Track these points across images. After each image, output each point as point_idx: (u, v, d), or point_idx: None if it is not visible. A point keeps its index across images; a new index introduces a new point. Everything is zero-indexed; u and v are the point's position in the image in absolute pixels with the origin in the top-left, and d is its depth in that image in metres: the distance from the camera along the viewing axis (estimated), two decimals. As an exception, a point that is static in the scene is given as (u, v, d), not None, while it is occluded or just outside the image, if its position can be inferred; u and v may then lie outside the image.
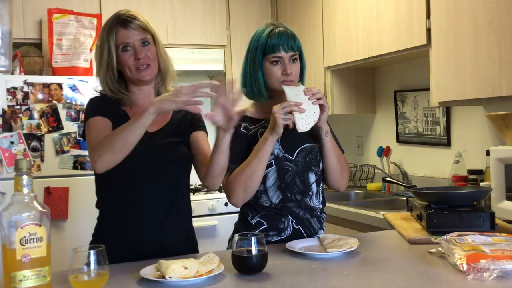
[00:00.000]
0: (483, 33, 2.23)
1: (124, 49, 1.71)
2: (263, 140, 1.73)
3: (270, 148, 1.73)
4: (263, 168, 1.74)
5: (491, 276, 1.29)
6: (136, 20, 1.74)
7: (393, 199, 3.20)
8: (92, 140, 1.66)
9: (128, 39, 1.71)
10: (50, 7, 3.31)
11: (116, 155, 1.56)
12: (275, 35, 1.78)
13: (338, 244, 1.62)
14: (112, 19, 1.75)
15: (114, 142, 1.56)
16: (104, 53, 1.73)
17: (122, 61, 1.72)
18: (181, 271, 1.35)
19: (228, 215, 3.42)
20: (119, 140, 1.55)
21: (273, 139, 1.71)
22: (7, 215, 1.21)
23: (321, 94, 1.74)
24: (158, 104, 1.52)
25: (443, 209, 1.85)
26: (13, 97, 3.00)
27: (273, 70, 1.79)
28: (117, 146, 1.55)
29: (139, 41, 1.72)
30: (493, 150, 2.20)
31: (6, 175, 2.93)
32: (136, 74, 1.72)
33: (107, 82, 1.75)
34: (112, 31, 1.72)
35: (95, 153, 1.58)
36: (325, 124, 1.79)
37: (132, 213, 1.72)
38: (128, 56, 1.71)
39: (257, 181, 1.75)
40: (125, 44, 1.71)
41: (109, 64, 1.73)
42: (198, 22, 3.85)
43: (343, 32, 3.25)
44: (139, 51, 1.71)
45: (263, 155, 1.72)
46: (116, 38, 1.71)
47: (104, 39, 1.73)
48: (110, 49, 1.72)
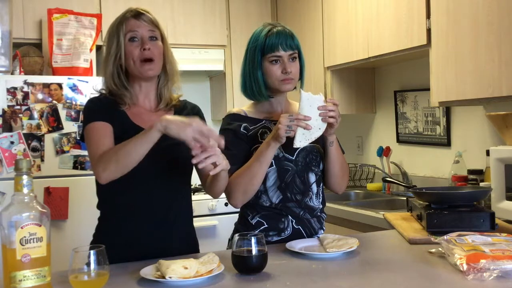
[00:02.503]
0: (483, 33, 2.23)
1: (131, 39, 1.71)
2: (265, 145, 1.72)
3: (272, 153, 1.72)
4: (263, 172, 1.74)
5: (491, 276, 1.29)
6: (148, 14, 1.75)
7: (393, 199, 3.20)
8: (93, 148, 1.65)
9: (137, 28, 1.71)
10: (50, 7, 3.31)
11: (122, 169, 1.57)
12: (273, 34, 1.78)
13: (338, 244, 1.62)
14: (124, 13, 1.75)
15: (119, 157, 1.56)
16: (113, 44, 1.72)
17: (127, 51, 1.71)
18: (181, 271, 1.35)
19: (228, 215, 3.42)
20: (125, 156, 1.55)
21: (275, 146, 1.71)
22: (7, 215, 1.21)
23: (336, 112, 1.69)
24: (166, 123, 1.51)
25: (443, 209, 1.85)
26: (13, 97, 3.00)
27: (273, 69, 1.79)
28: (123, 161, 1.56)
29: (147, 34, 1.72)
30: (493, 150, 2.20)
31: (6, 175, 2.93)
32: (139, 67, 1.71)
33: (112, 74, 1.73)
34: (122, 22, 1.72)
35: (99, 165, 1.58)
36: (331, 136, 1.78)
37: (132, 214, 1.71)
38: (134, 47, 1.71)
39: (257, 184, 1.75)
40: (134, 33, 1.71)
41: (117, 55, 1.72)
42: (198, 22, 3.85)
43: (343, 32, 3.25)
44: (146, 42, 1.71)
45: (265, 160, 1.72)
46: (125, 27, 1.71)
47: (114, 30, 1.73)
48: (119, 40, 1.71)
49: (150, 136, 1.53)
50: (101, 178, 1.58)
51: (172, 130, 1.50)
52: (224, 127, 1.86)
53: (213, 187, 1.73)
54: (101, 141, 1.64)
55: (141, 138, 1.54)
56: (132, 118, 1.73)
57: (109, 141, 1.65)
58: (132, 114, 1.74)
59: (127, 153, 1.55)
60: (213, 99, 4.26)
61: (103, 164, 1.57)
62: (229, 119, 1.87)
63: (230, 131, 1.82)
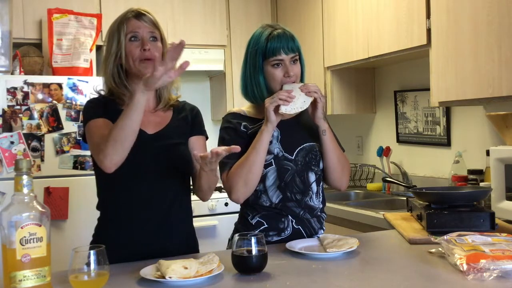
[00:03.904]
0: (483, 33, 2.23)
1: (132, 39, 1.72)
2: (259, 132, 1.75)
3: (267, 138, 1.73)
4: (262, 160, 1.74)
5: (491, 276, 1.29)
6: (149, 14, 1.76)
7: (393, 199, 3.20)
8: (95, 142, 1.65)
9: (138, 29, 1.72)
10: (50, 7, 3.31)
11: (122, 146, 1.56)
12: (275, 38, 1.78)
13: (338, 244, 1.62)
14: (125, 13, 1.76)
15: (116, 134, 1.55)
16: (114, 43, 1.72)
17: (128, 51, 1.71)
18: (181, 271, 1.35)
19: (228, 215, 3.42)
20: (121, 130, 1.55)
21: (268, 129, 1.72)
22: (7, 215, 1.21)
23: (316, 88, 1.75)
24: (142, 86, 1.53)
25: (443, 209, 1.85)
26: (13, 97, 3.00)
27: (275, 73, 1.79)
28: (120, 136, 1.55)
29: (148, 34, 1.73)
30: (493, 150, 2.20)
31: (6, 175, 2.93)
32: (138, 66, 1.71)
33: (113, 73, 1.74)
34: (123, 22, 1.73)
35: (101, 153, 1.58)
36: (321, 122, 1.80)
37: (132, 214, 1.72)
38: (135, 47, 1.71)
39: (257, 173, 1.74)
40: (134, 33, 1.72)
41: (117, 54, 1.72)
42: (198, 22, 3.85)
43: (343, 32, 3.25)
44: (146, 42, 1.72)
45: (261, 146, 1.73)
46: (126, 27, 1.72)
47: (115, 29, 1.73)
48: (119, 39, 1.72)
49: (136, 100, 1.54)
50: (106, 166, 1.58)
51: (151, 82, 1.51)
52: (225, 124, 1.86)
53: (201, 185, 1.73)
54: (103, 135, 1.64)
55: (129, 107, 1.55)
56: None
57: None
58: None
59: (121, 128, 1.55)
60: (213, 99, 4.26)
61: (103, 151, 1.57)
62: (229, 117, 1.88)
63: (230, 129, 1.83)
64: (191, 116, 1.85)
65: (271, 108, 1.70)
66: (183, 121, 1.83)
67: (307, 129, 1.87)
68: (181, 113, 1.83)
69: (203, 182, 1.72)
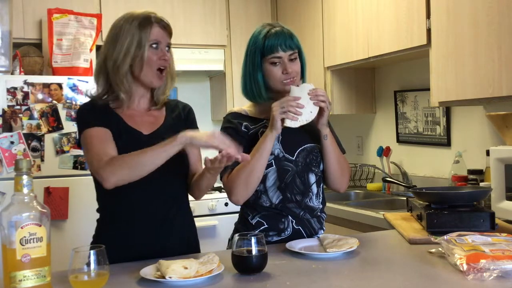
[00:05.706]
0: (483, 33, 2.23)
1: (153, 46, 1.72)
2: (263, 137, 1.74)
3: (270, 144, 1.73)
4: (263, 164, 1.74)
5: (491, 276, 1.29)
6: (169, 25, 1.78)
7: (393, 199, 3.20)
8: (96, 154, 1.63)
9: (161, 38, 1.73)
10: (50, 7, 3.31)
11: (135, 177, 1.60)
12: (272, 35, 1.78)
13: (338, 244, 1.62)
14: (147, 16, 1.73)
15: (134, 165, 1.58)
16: (133, 45, 1.69)
17: (148, 57, 1.70)
18: (181, 271, 1.35)
19: (228, 215, 3.42)
20: (141, 165, 1.58)
21: (272, 135, 1.72)
22: (7, 215, 1.21)
23: (325, 97, 1.74)
24: (190, 136, 1.57)
25: (443, 209, 1.85)
26: (13, 97, 3.00)
27: (273, 71, 1.79)
28: (136, 170, 1.58)
29: (166, 45, 1.75)
30: (493, 150, 2.20)
31: (6, 175, 2.93)
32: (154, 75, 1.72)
33: (126, 73, 1.71)
34: (146, 26, 1.71)
35: (107, 169, 1.58)
36: (324, 128, 1.79)
37: (132, 214, 1.72)
38: (154, 54, 1.71)
39: (258, 176, 1.75)
40: (157, 42, 1.72)
41: (137, 56, 1.69)
42: (198, 22, 3.85)
43: (343, 32, 3.25)
44: (165, 53, 1.74)
45: (264, 151, 1.73)
46: (151, 34, 1.71)
47: (134, 31, 1.70)
48: (141, 42, 1.70)
49: (171, 149, 1.57)
50: (109, 182, 1.58)
51: (199, 141, 1.56)
52: (226, 124, 1.86)
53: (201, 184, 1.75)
54: (104, 147, 1.64)
55: (160, 150, 1.57)
56: (126, 121, 1.73)
57: (112, 146, 1.66)
58: (126, 116, 1.74)
59: (143, 163, 1.58)
60: (213, 99, 4.26)
61: (112, 169, 1.57)
62: (230, 117, 1.88)
63: (231, 129, 1.83)
64: (184, 114, 1.86)
65: (279, 118, 1.69)
66: (177, 120, 1.83)
67: (308, 130, 1.86)
68: (174, 112, 1.84)
69: (204, 182, 1.73)
